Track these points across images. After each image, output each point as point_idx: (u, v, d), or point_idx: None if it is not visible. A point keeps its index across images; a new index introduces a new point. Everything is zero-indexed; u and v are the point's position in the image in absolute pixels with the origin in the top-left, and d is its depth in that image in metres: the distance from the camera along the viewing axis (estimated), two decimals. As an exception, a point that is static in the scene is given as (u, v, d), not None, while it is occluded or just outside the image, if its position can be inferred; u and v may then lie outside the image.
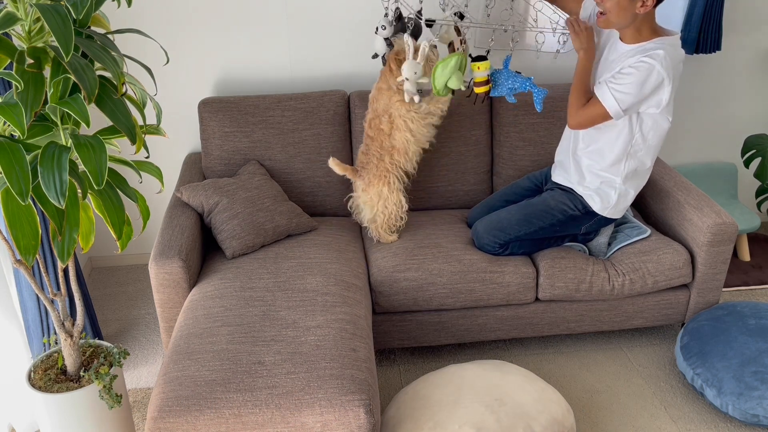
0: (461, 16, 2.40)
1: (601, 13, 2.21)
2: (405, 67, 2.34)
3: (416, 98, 2.40)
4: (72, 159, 1.61)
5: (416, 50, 2.34)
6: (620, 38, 2.28)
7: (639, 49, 2.22)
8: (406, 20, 2.41)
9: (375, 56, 2.52)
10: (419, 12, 2.41)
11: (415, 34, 2.44)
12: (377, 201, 2.57)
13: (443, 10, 2.39)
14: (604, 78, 2.28)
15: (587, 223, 2.52)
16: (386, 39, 2.43)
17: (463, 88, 2.32)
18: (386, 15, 2.41)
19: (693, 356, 2.41)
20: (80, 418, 1.92)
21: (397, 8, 2.43)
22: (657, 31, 2.22)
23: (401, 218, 2.60)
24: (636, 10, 2.12)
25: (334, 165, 2.59)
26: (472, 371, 2.21)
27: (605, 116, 2.26)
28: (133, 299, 3.03)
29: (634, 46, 2.23)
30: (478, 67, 2.34)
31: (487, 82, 2.36)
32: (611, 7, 2.14)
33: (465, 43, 2.37)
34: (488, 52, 2.42)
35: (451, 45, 2.43)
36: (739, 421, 2.37)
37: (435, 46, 2.43)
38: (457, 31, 2.39)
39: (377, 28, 2.41)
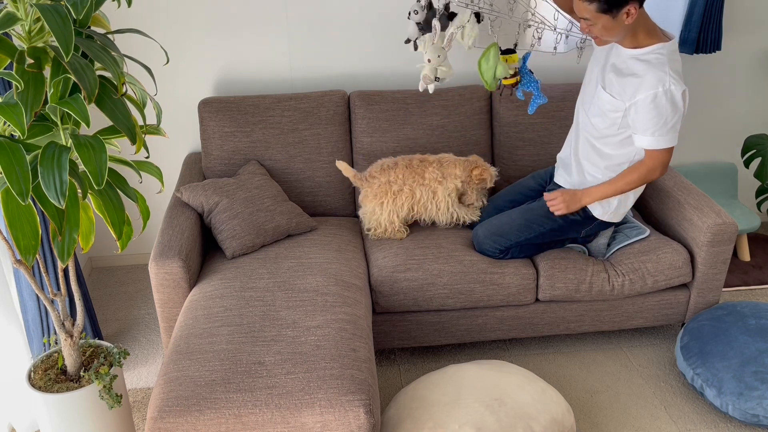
0: (478, 16, 2.39)
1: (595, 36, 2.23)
2: (429, 49, 2.35)
3: (431, 88, 2.39)
4: (72, 159, 1.61)
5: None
6: (619, 43, 2.28)
7: (642, 57, 2.20)
8: (435, 11, 2.39)
9: (407, 41, 2.49)
10: (447, 6, 2.40)
11: (443, 26, 2.42)
12: (371, 216, 2.61)
13: (466, 6, 2.39)
14: (637, 128, 2.26)
15: (587, 227, 2.52)
16: (418, 23, 2.40)
17: (510, 73, 2.31)
18: (418, 0, 2.40)
19: (693, 356, 2.40)
20: (80, 418, 1.92)
21: None
22: (654, 33, 2.21)
23: (397, 234, 2.61)
24: (625, 23, 2.12)
25: (342, 167, 2.62)
26: (472, 371, 2.21)
27: (669, 154, 2.29)
28: (133, 299, 3.03)
29: (635, 51, 2.22)
30: (506, 60, 2.37)
31: (514, 75, 2.40)
32: (600, 32, 2.17)
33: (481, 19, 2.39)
34: (515, 45, 2.44)
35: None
36: (739, 421, 2.37)
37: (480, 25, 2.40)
38: (477, 17, 2.39)
39: (409, 13, 2.39)
